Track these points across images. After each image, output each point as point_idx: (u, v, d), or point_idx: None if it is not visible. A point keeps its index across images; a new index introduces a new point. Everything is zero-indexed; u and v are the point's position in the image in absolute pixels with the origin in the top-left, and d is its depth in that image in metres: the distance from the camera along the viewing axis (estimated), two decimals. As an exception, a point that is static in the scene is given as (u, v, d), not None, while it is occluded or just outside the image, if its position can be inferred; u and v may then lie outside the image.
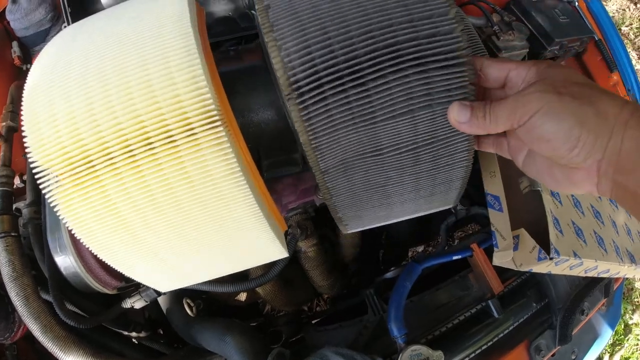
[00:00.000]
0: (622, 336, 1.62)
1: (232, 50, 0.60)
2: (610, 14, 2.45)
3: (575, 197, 0.66)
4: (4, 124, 0.71)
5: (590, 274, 0.66)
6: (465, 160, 0.41)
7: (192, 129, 0.35)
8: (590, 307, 0.74)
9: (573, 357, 0.77)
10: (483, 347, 0.63)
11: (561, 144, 0.32)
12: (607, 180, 0.32)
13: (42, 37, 0.83)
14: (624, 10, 2.50)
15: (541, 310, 0.69)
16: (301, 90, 0.35)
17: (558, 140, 0.32)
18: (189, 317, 0.65)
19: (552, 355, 0.74)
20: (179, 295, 0.67)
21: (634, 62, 2.33)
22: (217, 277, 0.51)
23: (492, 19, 0.84)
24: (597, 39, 1.10)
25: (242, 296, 0.75)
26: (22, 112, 0.39)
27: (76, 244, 0.56)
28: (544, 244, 0.57)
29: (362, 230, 0.78)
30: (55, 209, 0.38)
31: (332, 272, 0.76)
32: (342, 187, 0.42)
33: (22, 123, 0.39)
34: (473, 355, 0.62)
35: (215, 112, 0.35)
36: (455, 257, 0.66)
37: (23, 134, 0.38)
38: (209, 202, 0.38)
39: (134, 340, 0.75)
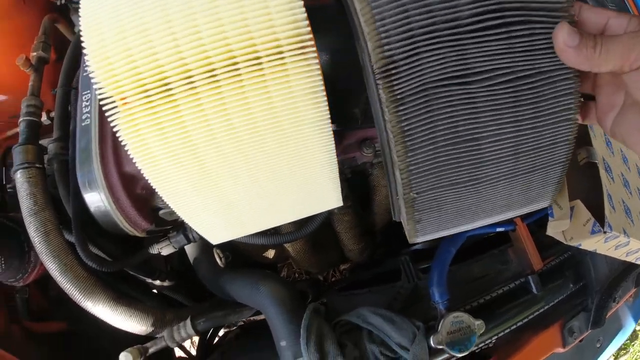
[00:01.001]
0: (628, 341, 1.61)
1: None
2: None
3: (625, 176, 0.63)
4: (35, 54, 0.68)
5: (630, 258, 0.63)
6: (571, 111, 0.35)
7: (282, 52, 0.32)
8: (622, 295, 0.72)
9: (598, 345, 0.75)
10: (519, 323, 0.60)
11: None
12: None
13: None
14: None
15: (577, 291, 0.67)
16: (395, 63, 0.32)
17: None
18: (218, 267, 0.62)
19: (580, 341, 0.71)
20: (207, 245, 0.64)
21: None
22: (273, 225, 0.48)
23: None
24: None
25: (270, 253, 0.73)
26: (80, 23, 0.35)
27: (109, 179, 0.53)
28: (597, 218, 0.53)
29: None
30: (118, 135, 0.34)
31: (363, 237, 0.74)
32: (421, 130, 0.35)
33: (81, 36, 0.35)
34: (508, 330, 0.59)
35: (308, 37, 0.33)
36: (498, 229, 0.63)
37: (83, 50, 0.34)
38: (287, 130, 0.36)
39: (153, 290, 0.73)
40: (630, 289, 0.78)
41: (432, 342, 0.51)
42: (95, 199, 0.53)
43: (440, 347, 0.51)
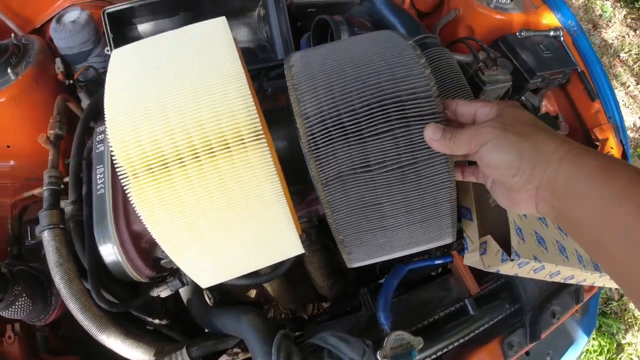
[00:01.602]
0: (615, 355, 1.77)
1: (270, 90, 0.77)
2: (610, 41, 2.71)
3: (541, 212, 0.84)
4: (52, 132, 0.89)
5: (555, 279, 0.82)
6: (447, 182, 0.52)
7: (242, 138, 0.53)
8: (561, 311, 0.91)
9: (549, 359, 0.92)
10: (460, 340, 0.79)
11: (505, 171, 0.41)
12: (545, 203, 0.41)
13: (85, 56, 1.02)
14: (623, 37, 2.74)
15: (514, 312, 0.86)
16: (315, 137, 0.54)
17: (503, 168, 0.41)
18: (207, 306, 0.81)
19: (527, 354, 0.89)
20: (198, 287, 0.84)
21: (632, 87, 2.55)
22: (251, 270, 0.68)
23: (478, 56, 1.03)
24: (579, 70, 1.30)
25: (252, 293, 0.92)
26: (105, 117, 0.55)
27: (120, 236, 0.73)
28: (509, 249, 0.74)
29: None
30: (130, 198, 0.54)
31: (331, 275, 0.93)
32: (340, 201, 0.54)
33: (106, 126, 0.55)
34: (451, 346, 0.78)
35: (260, 127, 0.53)
36: (437, 262, 0.83)
37: (107, 136, 0.54)
38: (253, 199, 0.56)
39: (149, 327, 0.91)
40: (571, 306, 0.97)
41: (378, 357, 0.70)
42: (109, 252, 0.73)
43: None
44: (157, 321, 0.85)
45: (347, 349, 0.69)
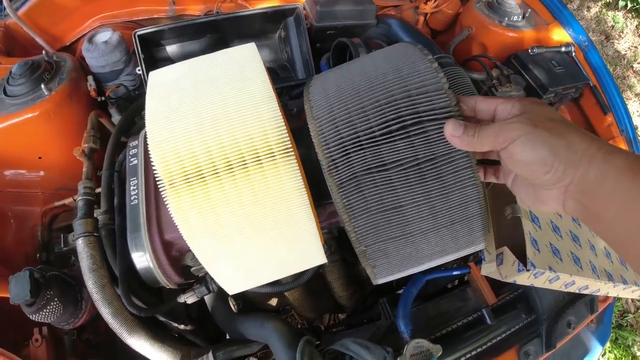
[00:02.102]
0: None
1: (295, 110, 0.82)
2: (622, 52, 2.74)
3: (554, 222, 0.88)
4: (87, 145, 0.96)
5: (570, 289, 0.86)
6: (472, 179, 0.50)
7: (273, 153, 0.58)
8: (576, 322, 0.94)
9: (564, 369, 0.95)
10: (478, 349, 0.82)
11: (537, 168, 0.40)
12: (573, 201, 0.41)
13: (116, 75, 1.09)
14: (635, 47, 2.78)
15: (531, 322, 0.89)
16: (335, 161, 0.57)
17: (535, 165, 0.40)
18: (232, 312, 0.86)
19: (543, 365, 0.92)
20: (223, 295, 0.88)
21: (645, 98, 2.57)
22: (276, 279, 0.72)
23: (492, 73, 1.08)
24: (592, 84, 1.34)
25: (274, 301, 0.96)
26: (147, 134, 0.61)
27: (153, 245, 0.78)
28: (524, 260, 0.77)
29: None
30: (168, 207, 0.60)
31: (350, 285, 0.97)
32: (357, 204, 0.54)
33: (147, 142, 0.60)
34: (469, 355, 0.81)
35: (289, 142, 0.58)
36: (455, 273, 0.86)
37: (149, 149, 0.60)
38: (282, 209, 0.61)
39: (175, 334, 0.96)
40: (586, 316, 0.99)
41: (398, 364, 0.74)
42: (142, 259, 0.79)
43: (405, 367, 0.74)
44: (182, 326, 0.90)
45: (367, 355, 0.73)
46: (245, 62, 0.68)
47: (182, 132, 0.60)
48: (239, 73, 0.66)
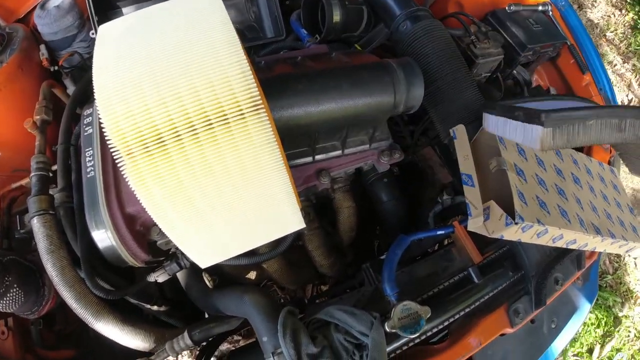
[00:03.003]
0: (613, 327, 1.78)
1: (263, 62, 0.73)
2: (596, 21, 2.72)
3: (540, 176, 0.83)
4: (39, 117, 0.85)
5: (558, 244, 0.81)
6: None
7: (241, 111, 0.50)
8: (564, 278, 0.90)
9: (553, 326, 0.92)
10: (466, 309, 0.77)
11: None
12: None
13: (69, 42, 0.98)
14: (608, 16, 2.76)
15: (518, 279, 0.85)
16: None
17: None
18: (208, 289, 0.78)
19: (532, 322, 0.88)
20: (197, 271, 0.80)
21: (619, 66, 2.56)
22: (250, 248, 0.65)
23: (470, 29, 1.01)
24: (569, 44, 1.29)
25: (252, 274, 0.89)
26: (94, 93, 0.52)
27: (114, 220, 0.69)
28: (512, 214, 0.72)
29: (357, 216, 0.93)
30: (125, 177, 0.51)
31: (331, 253, 0.91)
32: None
33: (96, 103, 0.51)
34: (458, 315, 0.76)
35: (259, 99, 0.51)
36: (439, 232, 0.81)
37: (97, 113, 0.51)
38: (252, 171, 0.54)
39: (149, 316, 0.88)
40: (573, 272, 0.96)
41: (386, 328, 0.68)
42: (103, 237, 0.70)
43: (394, 331, 0.68)
44: (155, 308, 0.82)
45: (354, 322, 0.67)
46: (204, 6, 0.58)
47: (132, 88, 0.51)
48: (197, 17, 0.57)
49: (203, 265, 0.66)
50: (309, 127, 0.65)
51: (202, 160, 0.52)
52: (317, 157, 0.72)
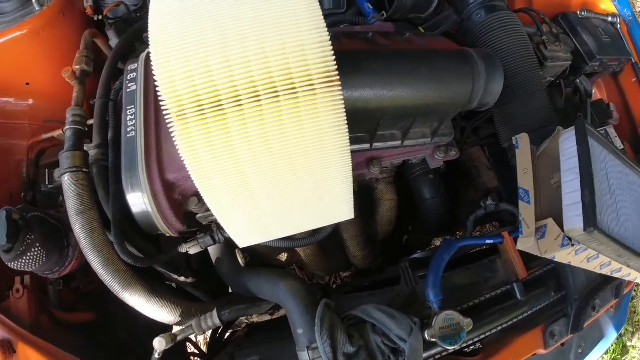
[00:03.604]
0: (620, 356, 1.73)
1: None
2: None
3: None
4: (79, 67, 0.79)
5: (604, 271, 0.75)
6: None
7: (313, 84, 0.43)
8: (601, 305, 0.84)
9: (580, 351, 0.87)
10: (504, 325, 0.72)
11: None
12: None
13: (115, -10, 0.90)
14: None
15: (558, 300, 0.79)
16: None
17: None
18: (239, 267, 0.73)
19: (562, 345, 0.83)
20: (229, 247, 0.75)
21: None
22: (294, 233, 0.60)
23: (542, 28, 0.92)
24: (634, 61, 1.20)
25: (283, 256, 0.84)
26: (150, 41, 0.45)
27: (153, 186, 0.64)
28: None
29: (397, 210, 0.87)
30: (175, 141, 0.45)
31: (367, 244, 0.85)
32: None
33: (151, 58, 0.45)
34: (495, 330, 0.71)
35: (335, 73, 0.44)
36: (487, 242, 0.75)
37: (153, 70, 0.44)
38: (314, 152, 0.47)
39: (173, 285, 0.84)
40: (610, 300, 0.90)
41: (426, 336, 0.63)
42: (139, 201, 0.64)
43: (433, 340, 0.63)
44: (182, 279, 0.78)
45: (393, 325, 0.62)
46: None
47: (196, 45, 0.45)
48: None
49: (242, 245, 0.61)
50: (375, 112, 0.58)
51: (261, 134, 0.46)
52: (375, 144, 0.65)
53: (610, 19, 1.17)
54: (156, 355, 0.64)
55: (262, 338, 0.79)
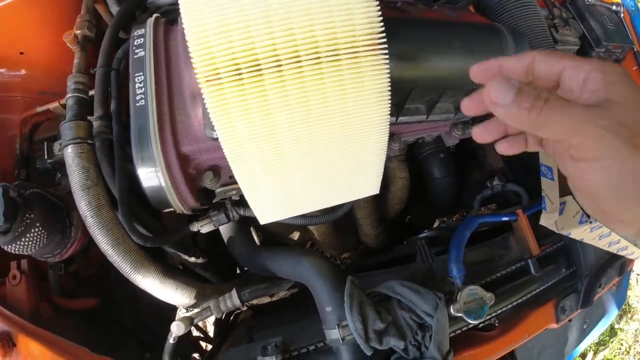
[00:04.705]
0: (607, 338, 1.80)
1: None
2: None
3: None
4: (80, 31, 0.71)
5: (611, 248, 0.76)
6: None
7: (357, 48, 0.39)
8: (606, 282, 0.85)
9: (585, 327, 0.87)
10: (519, 300, 0.71)
11: (614, 206, 0.27)
12: None
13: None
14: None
15: (569, 276, 0.79)
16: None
17: (613, 200, 0.26)
18: (254, 245, 0.69)
19: (569, 321, 0.84)
20: (242, 225, 0.71)
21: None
22: (318, 209, 0.56)
23: (554, 11, 0.91)
24: (635, 50, 1.21)
25: (295, 235, 0.80)
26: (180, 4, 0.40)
27: (167, 158, 0.58)
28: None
29: (409, 188, 0.84)
30: (207, 104, 0.40)
31: (380, 223, 0.83)
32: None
33: (180, 9, 0.39)
34: (510, 305, 0.70)
35: (382, 36, 0.40)
36: (504, 219, 0.73)
37: (183, 24, 0.39)
38: (355, 121, 0.43)
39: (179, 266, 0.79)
40: (614, 278, 0.91)
41: (451, 310, 0.61)
42: (151, 176, 0.59)
43: (459, 314, 0.61)
44: (193, 259, 0.73)
45: (419, 300, 0.59)
46: None
47: (236, 8, 0.39)
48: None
49: (263, 221, 0.57)
50: (408, 82, 0.54)
51: (301, 99, 0.42)
52: (400, 118, 0.62)
53: (614, 7, 1.18)
54: (171, 340, 0.60)
55: (273, 319, 0.76)
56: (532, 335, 0.73)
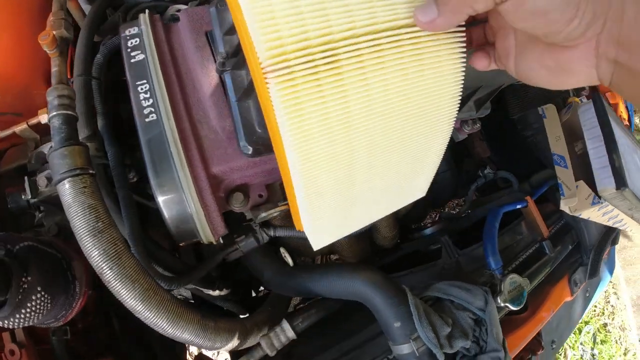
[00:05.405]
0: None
1: None
2: None
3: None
4: (56, 32, 0.58)
5: (610, 223, 0.84)
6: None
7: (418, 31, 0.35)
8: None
9: (587, 295, 0.95)
10: (541, 279, 0.75)
11: (559, 15, 0.28)
12: (607, 61, 0.29)
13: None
14: None
15: (573, 250, 0.86)
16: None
17: (556, 11, 0.28)
18: (288, 267, 0.63)
19: (578, 291, 0.91)
20: (267, 247, 0.65)
21: None
22: (370, 222, 0.52)
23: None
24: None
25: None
26: None
27: (198, 183, 0.50)
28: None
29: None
30: (275, 101, 0.33)
31: (396, 225, 0.81)
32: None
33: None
34: (536, 284, 0.74)
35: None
36: (518, 206, 0.77)
37: (243, 8, 0.32)
38: (431, 112, 0.39)
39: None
40: (608, 247, 1.00)
41: (498, 301, 0.62)
42: (177, 204, 0.50)
43: (505, 304, 0.63)
44: (216, 293, 0.65)
45: (470, 297, 0.59)
46: None
47: None
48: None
49: (317, 246, 0.51)
50: (475, 81, 0.53)
51: (382, 86, 0.35)
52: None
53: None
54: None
55: (309, 349, 0.69)
56: (555, 310, 0.78)
